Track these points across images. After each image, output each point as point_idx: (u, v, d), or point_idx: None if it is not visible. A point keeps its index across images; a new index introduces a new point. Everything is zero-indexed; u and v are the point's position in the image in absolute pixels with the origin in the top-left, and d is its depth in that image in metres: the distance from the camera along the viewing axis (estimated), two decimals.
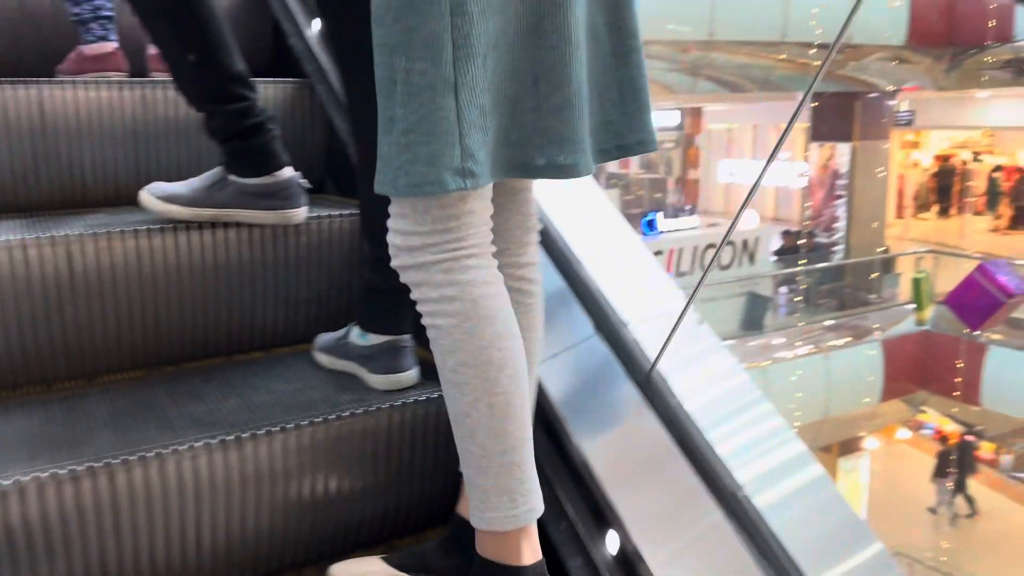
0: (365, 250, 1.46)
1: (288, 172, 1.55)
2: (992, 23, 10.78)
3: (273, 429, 1.24)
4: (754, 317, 10.78)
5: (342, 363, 1.47)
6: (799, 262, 11.81)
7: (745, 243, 10.97)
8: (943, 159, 18.57)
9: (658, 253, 10.33)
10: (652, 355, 1.31)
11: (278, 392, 1.39)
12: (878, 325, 11.43)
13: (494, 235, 1.07)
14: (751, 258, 11.01)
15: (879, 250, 12.25)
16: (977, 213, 17.77)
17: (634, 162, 16.93)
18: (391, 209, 1.04)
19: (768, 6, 10.00)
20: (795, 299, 11.41)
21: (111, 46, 2.04)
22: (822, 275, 11.67)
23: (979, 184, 17.95)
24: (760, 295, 10.93)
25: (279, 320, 1.64)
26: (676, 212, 11.17)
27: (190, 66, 1.47)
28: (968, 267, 12.17)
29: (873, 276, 11.62)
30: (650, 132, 1.10)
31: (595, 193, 1.70)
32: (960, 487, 10.50)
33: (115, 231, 1.45)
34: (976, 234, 16.86)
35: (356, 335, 1.44)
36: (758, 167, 15.09)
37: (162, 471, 1.17)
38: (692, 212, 11.11)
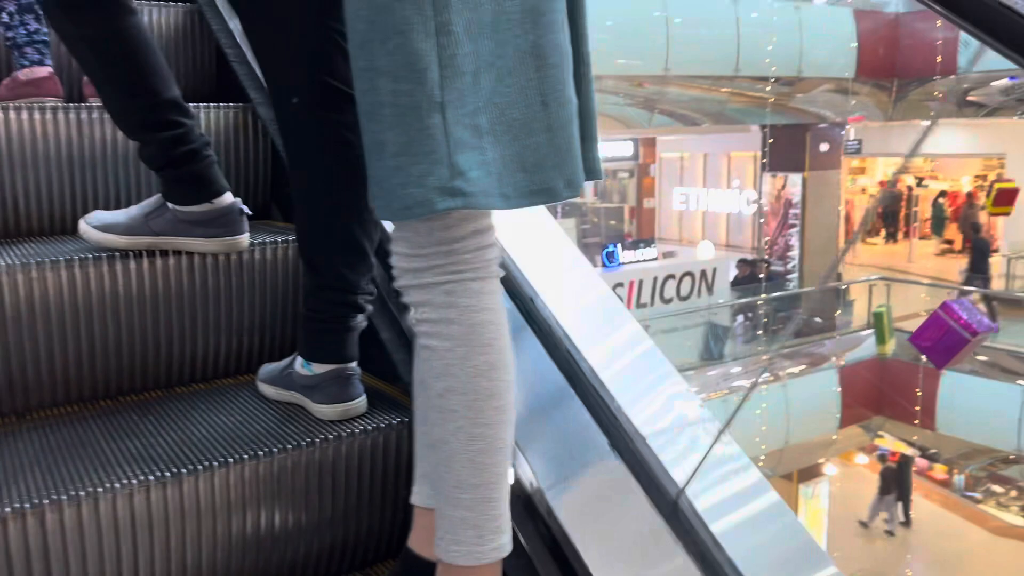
0: (304, 277, 1.43)
1: (228, 199, 1.51)
2: (939, 57, 11.10)
3: (214, 464, 1.19)
4: (714, 347, 10.85)
5: (287, 394, 1.44)
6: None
7: (703, 273, 11.05)
8: (889, 185, 18.98)
9: (619, 285, 10.37)
10: (677, 476, 1.16)
11: (220, 425, 1.34)
12: (835, 352, 11.57)
13: None
14: (709, 288, 11.09)
15: (843, 286, 12.42)
16: (923, 237, 18.14)
17: (588, 190, 17.11)
18: (393, 233, 1.03)
19: (722, 41, 10.17)
20: (753, 328, 11.51)
21: (46, 70, 1.98)
22: (778, 303, 11.80)
23: (925, 209, 18.36)
24: (719, 324, 11.02)
25: (221, 350, 1.58)
26: (635, 243, 11.21)
27: (119, 94, 1.42)
28: (920, 292, 12.48)
29: (837, 313, 11.78)
30: (598, 160, 1.10)
31: (566, 244, 1.62)
32: (904, 501, 10.64)
33: (47, 261, 1.39)
34: (924, 258, 17.18)
35: (300, 364, 1.40)
36: (710, 195, 15.28)
37: (96, 511, 1.11)
38: (650, 244, 11.18)
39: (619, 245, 10.92)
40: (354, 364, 1.39)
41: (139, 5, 1.83)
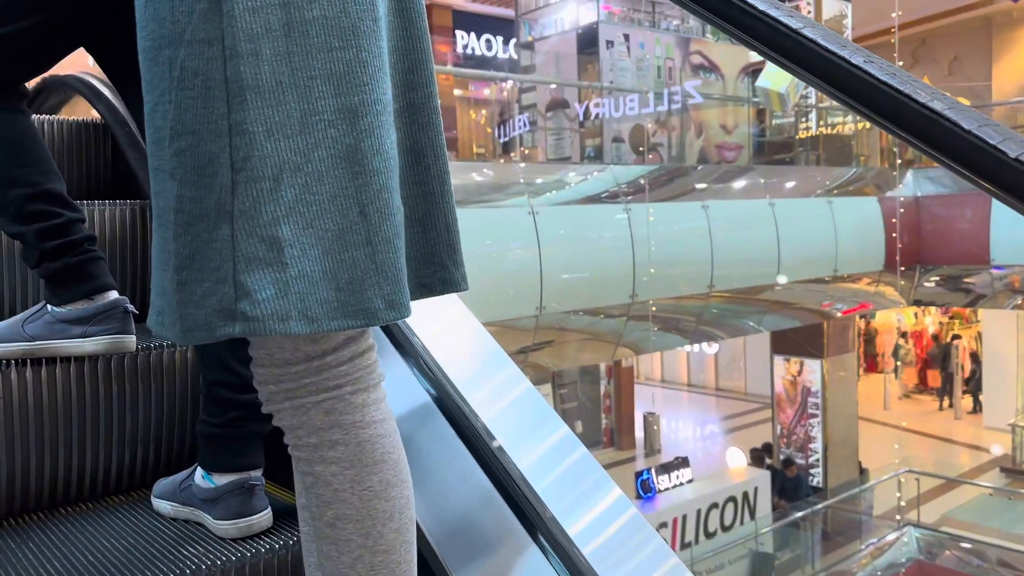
0: (200, 383, 1.33)
1: (111, 295, 1.41)
2: (967, 246, 10.63)
3: None
4: None
5: (186, 510, 1.34)
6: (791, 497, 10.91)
7: (746, 495, 9.92)
8: None
9: (663, 525, 9.11)
10: None
11: (109, 549, 1.23)
12: (871, 559, 10.74)
13: None
14: (752, 512, 9.96)
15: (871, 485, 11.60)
16: (881, 371, 17.77)
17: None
18: (252, 350, 0.92)
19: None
20: (793, 550, 10.48)
21: None
22: (809, 509, 10.85)
23: (881, 344, 18.05)
24: (763, 552, 9.92)
25: (112, 464, 1.46)
26: (668, 465, 9.90)
27: None
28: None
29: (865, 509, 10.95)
30: (464, 268, 1.01)
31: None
32: None
33: None
34: (892, 400, 16.72)
35: (200, 476, 1.30)
36: None
37: None
38: (686, 463, 9.92)
39: (653, 471, 9.66)
40: (258, 473, 1.30)
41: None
